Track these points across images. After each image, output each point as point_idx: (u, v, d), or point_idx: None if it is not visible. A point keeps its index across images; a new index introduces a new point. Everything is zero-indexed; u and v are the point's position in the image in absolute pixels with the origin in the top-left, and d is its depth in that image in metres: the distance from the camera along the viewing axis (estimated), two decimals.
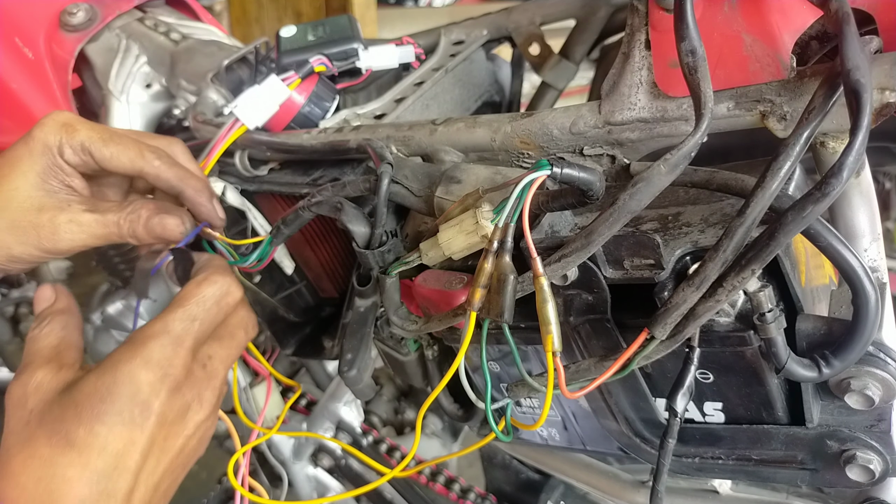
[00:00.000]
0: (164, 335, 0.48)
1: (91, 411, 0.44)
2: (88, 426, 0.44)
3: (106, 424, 0.44)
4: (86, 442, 0.43)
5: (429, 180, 0.52)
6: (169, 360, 0.47)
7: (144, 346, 0.47)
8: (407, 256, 0.51)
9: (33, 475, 0.43)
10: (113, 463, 0.44)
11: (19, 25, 0.79)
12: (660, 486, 0.47)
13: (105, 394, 0.45)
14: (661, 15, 0.43)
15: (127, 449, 0.45)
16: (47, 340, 0.51)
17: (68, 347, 0.51)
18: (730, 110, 0.43)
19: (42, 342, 0.51)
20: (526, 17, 0.75)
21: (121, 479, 0.44)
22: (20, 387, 0.47)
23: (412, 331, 0.53)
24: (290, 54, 0.70)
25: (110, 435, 0.44)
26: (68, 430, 0.44)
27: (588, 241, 0.39)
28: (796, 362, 0.40)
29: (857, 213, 0.44)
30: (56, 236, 0.54)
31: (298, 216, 0.56)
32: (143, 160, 0.56)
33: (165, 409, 0.47)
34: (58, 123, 0.54)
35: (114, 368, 0.46)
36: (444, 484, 0.92)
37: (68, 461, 0.43)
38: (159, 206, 0.57)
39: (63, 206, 0.54)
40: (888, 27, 0.41)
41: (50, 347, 0.50)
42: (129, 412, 0.45)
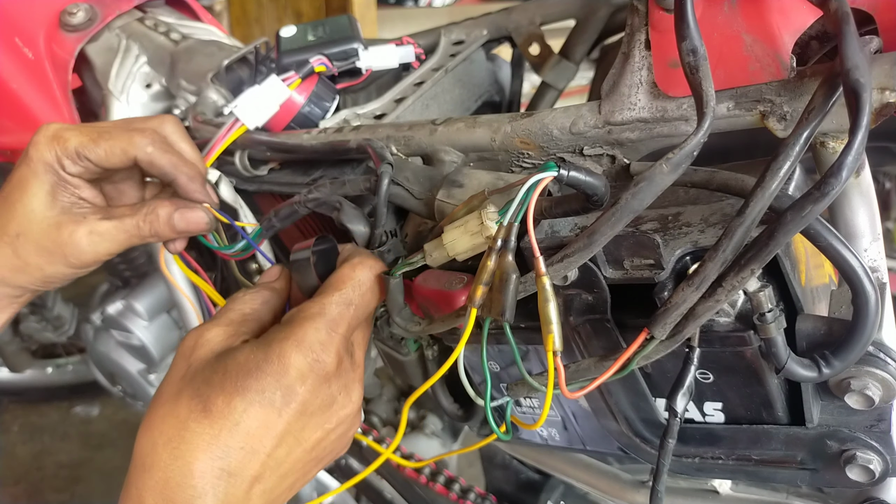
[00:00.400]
0: (321, 318, 0.46)
1: (234, 383, 0.43)
2: (228, 398, 0.42)
3: (245, 400, 0.42)
4: (221, 413, 0.42)
5: (430, 183, 0.52)
6: (323, 346, 0.45)
7: (301, 326, 0.45)
8: (411, 258, 0.50)
9: (166, 433, 0.42)
10: (242, 442, 0.42)
11: (19, 25, 0.79)
12: (660, 486, 0.47)
13: (253, 368, 0.43)
14: (661, 15, 0.43)
15: (260, 431, 0.43)
16: (242, 305, 0.50)
17: (255, 320, 0.49)
18: (730, 110, 0.43)
19: (237, 305, 0.50)
20: (526, 17, 0.75)
21: (247, 461, 0.42)
22: (193, 337, 0.47)
23: (415, 332, 0.53)
24: (290, 54, 0.70)
25: (246, 413, 0.42)
26: (208, 396, 0.43)
27: (590, 241, 0.39)
28: (796, 362, 0.40)
29: (857, 213, 0.44)
30: (79, 250, 0.54)
31: (293, 211, 0.56)
32: (135, 148, 0.55)
33: (310, 397, 0.44)
34: (48, 138, 0.54)
35: (267, 345, 0.44)
36: (444, 484, 0.92)
37: (201, 429, 0.42)
38: (175, 202, 0.57)
39: (79, 220, 0.54)
40: (888, 27, 0.41)
41: (240, 313, 0.49)
42: (272, 394, 0.43)
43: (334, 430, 0.47)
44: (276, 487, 0.45)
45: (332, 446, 0.49)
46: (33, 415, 1.70)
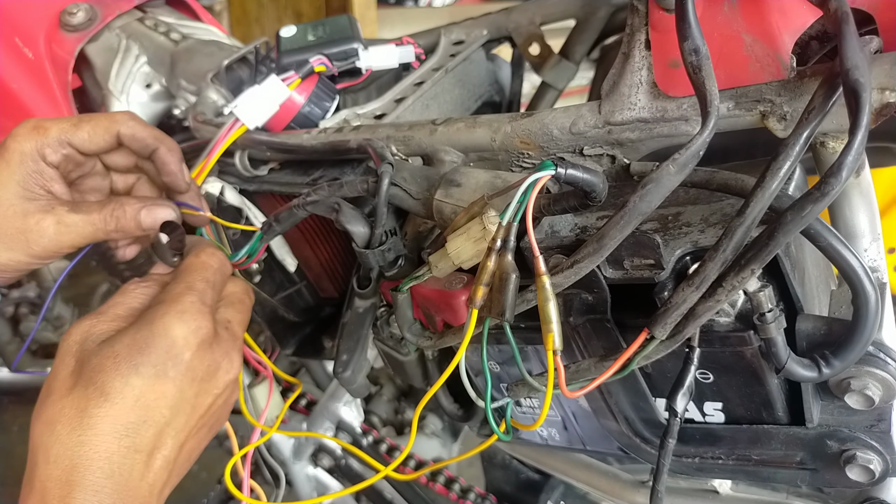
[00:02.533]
0: (191, 292, 0.49)
1: (129, 362, 0.45)
2: (125, 378, 0.44)
3: (141, 376, 0.44)
4: (121, 393, 0.44)
5: (427, 183, 0.52)
6: (200, 313, 0.48)
7: (177, 301, 0.48)
8: (417, 271, 0.51)
9: (67, 424, 0.43)
10: (143, 416, 0.44)
11: (19, 25, 0.79)
12: (660, 486, 0.47)
13: (143, 345, 0.45)
14: (661, 15, 0.43)
15: (157, 402, 0.45)
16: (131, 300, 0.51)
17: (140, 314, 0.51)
18: (730, 110, 0.43)
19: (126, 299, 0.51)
20: (526, 17, 0.75)
21: (148, 432, 0.44)
22: (79, 333, 0.48)
23: (427, 346, 0.54)
24: (290, 54, 0.70)
25: (144, 387, 0.44)
26: (104, 381, 0.44)
27: (600, 245, 0.39)
28: (796, 362, 0.40)
29: (857, 213, 0.44)
30: (44, 239, 0.54)
31: (292, 214, 0.56)
32: (117, 123, 0.56)
33: (196, 363, 0.47)
34: (28, 129, 0.55)
35: (150, 322, 0.46)
36: (444, 484, 0.92)
37: (103, 412, 0.43)
38: (142, 199, 0.57)
39: (47, 209, 0.54)
40: (888, 27, 0.41)
41: (128, 308, 0.50)
42: (163, 364, 0.45)
43: (221, 394, 0.50)
44: (176, 456, 0.47)
45: (220, 412, 0.52)
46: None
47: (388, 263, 0.54)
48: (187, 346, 0.47)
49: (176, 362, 0.46)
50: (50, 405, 0.45)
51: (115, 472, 0.43)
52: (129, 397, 0.44)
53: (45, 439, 0.44)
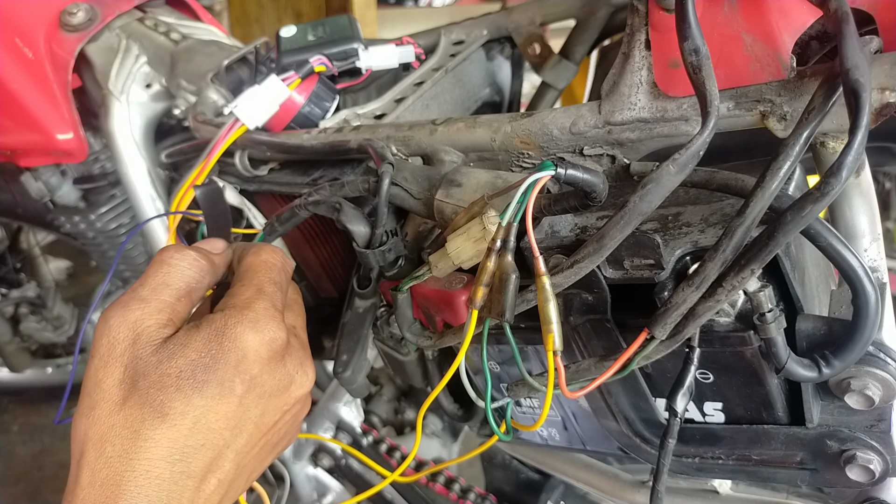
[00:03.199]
0: (263, 297, 0.43)
1: (194, 381, 0.40)
2: (187, 398, 0.39)
3: (205, 397, 0.40)
4: (182, 414, 0.39)
5: (428, 183, 0.52)
6: (275, 321, 0.42)
7: (249, 308, 0.42)
8: (417, 271, 0.51)
9: (119, 445, 0.39)
10: (201, 440, 0.40)
11: (19, 25, 0.79)
12: (660, 486, 0.47)
13: (210, 362, 0.40)
14: (661, 15, 0.43)
15: (218, 424, 0.40)
16: (177, 280, 0.44)
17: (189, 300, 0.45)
18: (730, 110, 0.43)
19: (171, 279, 0.44)
20: (526, 17, 0.75)
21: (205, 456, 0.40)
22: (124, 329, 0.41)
23: (427, 346, 0.53)
24: (290, 54, 0.70)
25: (206, 408, 0.40)
26: (163, 401, 0.39)
27: (600, 245, 0.39)
28: (796, 362, 0.40)
29: (857, 213, 0.44)
30: None
31: (294, 214, 0.56)
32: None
33: (267, 378, 0.42)
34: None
35: (220, 333, 0.41)
36: (444, 484, 0.92)
37: (158, 435, 0.39)
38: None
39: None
40: (888, 27, 0.41)
41: (175, 291, 0.43)
42: (231, 382, 0.40)
43: (290, 410, 0.45)
44: (233, 479, 0.43)
45: (288, 429, 0.47)
46: (33, 415, 1.70)
47: (388, 263, 0.54)
48: (258, 360, 0.41)
49: (244, 378, 0.41)
50: (97, 420, 0.40)
51: (164, 499, 0.38)
52: (188, 419, 0.39)
53: (91, 459, 0.39)
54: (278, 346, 0.43)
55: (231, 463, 0.42)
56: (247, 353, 0.41)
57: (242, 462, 0.43)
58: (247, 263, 0.47)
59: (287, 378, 0.44)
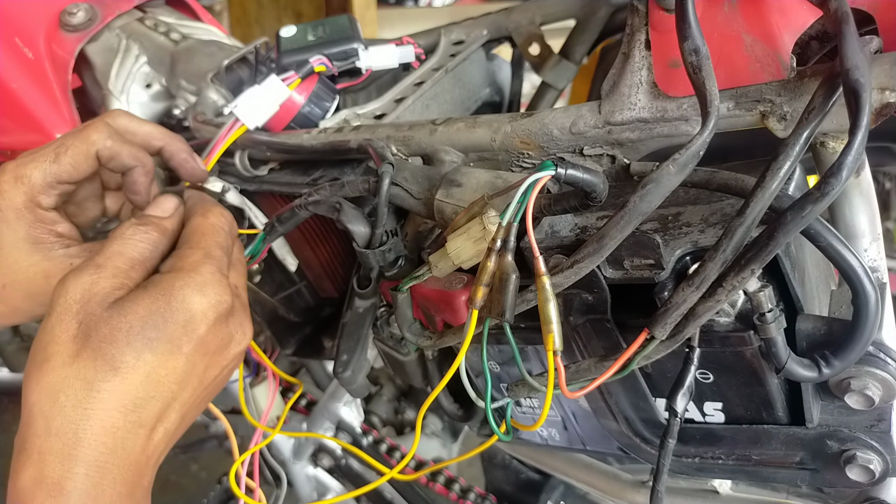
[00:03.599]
0: (210, 261, 0.47)
1: (143, 337, 0.43)
2: (137, 353, 0.42)
3: (154, 352, 0.43)
4: (132, 368, 0.42)
5: (428, 183, 0.52)
6: (221, 286, 0.46)
7: (196, 271, 0.46)
8: (417, 271, 0.51)
9: (73, 396, 0.41)
10: (152, 391, 0.43)
11: (19, 25, 0.79)
12: (660, 486, 0.47)
13: (159, 320, 0.43)
14: (661, 15, 0.43)
15: (167, 377, 0.44)
16: (130, 250, 0.47)
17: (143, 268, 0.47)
18: (730, 110, 0.43)
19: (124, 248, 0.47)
20: (526, 17, 0.75)
21: (154, 407, 0.43)
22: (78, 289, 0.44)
23: (426, 346, 0.53)
24: (290, 54, 0.70)
25: (156, 362, 0.43)
26: (115, 354, 0.42)
27: (600, 245, 0.39)
28: (796, 362, 0.40)
29: (857, 213, 0.44)
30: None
31: (295, 214, 0.56)
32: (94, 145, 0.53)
33: (211, 337, 0.46)
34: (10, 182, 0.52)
35: (167, 293, 0.44)
36: (444, 484, 0.92)
37: (111, 387, 0.42)
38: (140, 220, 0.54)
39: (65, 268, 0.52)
40: (888, 27, 0.41)
41: (128, 259, 0.47)
42: (178, 340, 0.44)
43: (228, 366, 0.49)
44: (176, 428, 0.46)
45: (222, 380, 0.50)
46: None
47: (388, 263, 0.54)
48: (204, 321, 0.45)
49: (191, 337, 0.44)
50: (50, 371, 0.42)
51: (119, 447, 0.42)
52: (140, 372, 0.42)
53: (45, 408, 0.41)
54: (223, 309, 0.46)
55: (177, 413, 0.45)
56: (194, 315, 0.45)
57: (185, 412, 0.47)
58: (194, 225, 0.50)
59: (228, 336, 0.47)
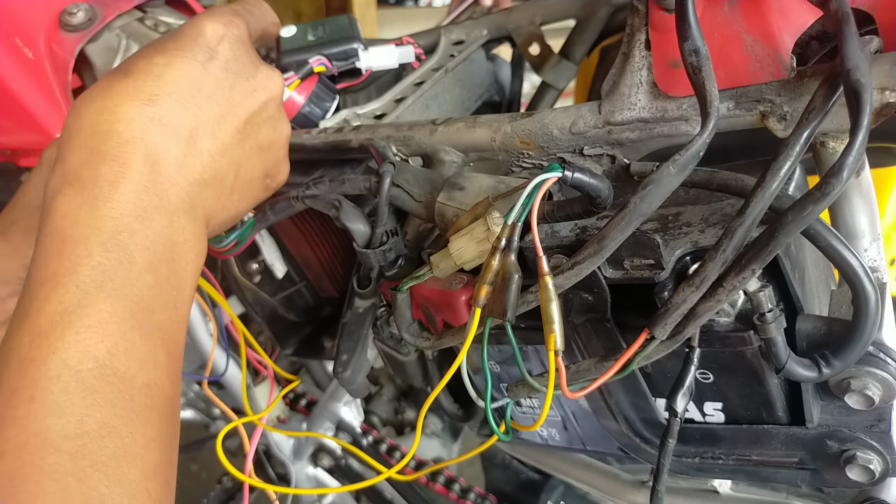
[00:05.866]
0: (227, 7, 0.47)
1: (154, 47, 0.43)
2: (148, 57, 0.42)
3: (166, 55, 0.42)
4: (143, 69, 0.42)
5: (430, 186, 0.51)
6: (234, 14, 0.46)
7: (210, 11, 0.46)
8: (418, 271, 0.50)
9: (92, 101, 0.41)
10: (169, 89, 0.42)
11: (19, 25, 0.78)
12: (660, 486, 0.47)
13: (168, 36, 0.44)
14: (661, 15, 0.43)
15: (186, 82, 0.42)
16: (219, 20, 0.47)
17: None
18: (730, 110, 0.43)
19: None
20: (526, 17, 0.75)
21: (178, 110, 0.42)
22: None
23: (426, 347, 0.53)
24: (290, 54, 0.70)
25: (169, 65, 0.42)
26: (129, 64, 0.42)
27: (601, 246, 0.39)
28: (796, 362, 0.40)
29: (857, 213, 0.44)
30: None
31: (289, 205, 0.55)
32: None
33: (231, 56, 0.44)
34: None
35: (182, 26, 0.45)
36: (444, 484, 0.92)
37: (124, 85, 0.41)
38: None
39: None
40: (888, 27, 0.41)
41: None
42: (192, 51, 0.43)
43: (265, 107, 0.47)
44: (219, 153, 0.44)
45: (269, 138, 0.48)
46: None
47: (388, 263, 0.54)
48: (218, 38, 0.44)
49: (203, 48, 0.43)
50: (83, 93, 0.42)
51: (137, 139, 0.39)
52: (152, 72, 0.42)
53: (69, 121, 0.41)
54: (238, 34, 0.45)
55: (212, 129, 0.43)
56: (203, 30, 0.44)
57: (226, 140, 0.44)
58: None
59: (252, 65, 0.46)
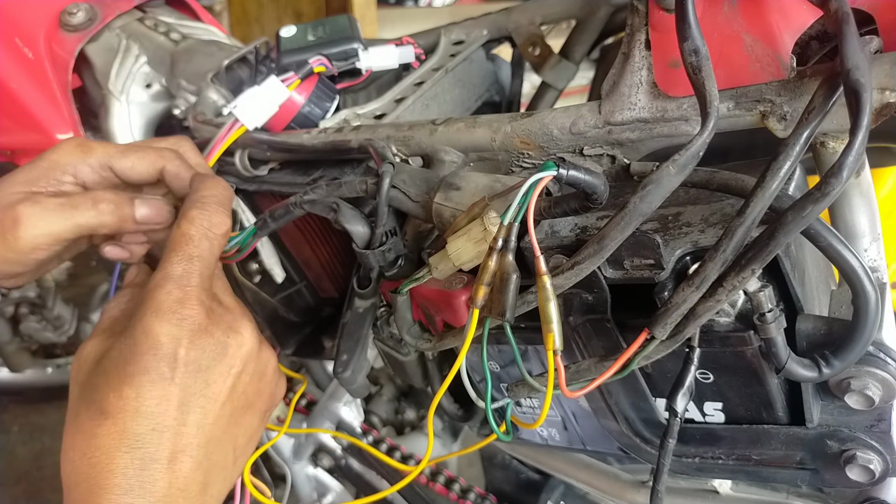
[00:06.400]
0: (167, 280, 0.45)
1: (118, 375, 0.43)
2: (118, 391, 0.42)
3: (133, 386, 0.42)
4: (118, 407, 0.42)
5: (427, 186, 0.51)
6: (181, 303, 0.44)
7: (152, 297, 0.45)
8: (417, 273, 0.50)
9: (79, 450, 0.42)
10: (149, 424, 0.42)
11: (19, 25, 0.79)
12: (660, 486, 0.47)
13: (128, 355, 0.43)
14: (661, 15, 0.43)
15: (160, 406, 0.43)
16: (110, 311, 0.50)
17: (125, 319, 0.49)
18: (730, 110, 0.43)
19: (105, 314, 0.50)
20: (526, 17, 0.75)
21: (160, 438, 0.42)
22: (75, 359, 0.47)
23: (427, 348, 0.53)
24: (290, 54, 0.70)
25: (140, 397, 0.42)
26: (101, 399, 0.43)
27: (601, 246, 0.39)
28: (796, 362, 0.40)
29: (857, 213, 0.44)
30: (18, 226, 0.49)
31: (289, 211, 0.56)
32: (164, 160, 0.55)
33: (196, 355, 0.44)
34: (73, 145, 0.54)
35: (132, 328, 0.44)
36: (444, 484, 0.92)
37: (105, 431, 0.42)
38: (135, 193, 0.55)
39: (29, 199, 0.51)
40: (888, 27, 0.41)
41: (109, 318, 0.49)
42: (156, 369, 0.43)
43: (244, 371, 0.47)
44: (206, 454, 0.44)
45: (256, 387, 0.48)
46: (33, 415, 1.69)
47: (388, 263, 0.54)
48: (177, 343, 0.44)
49: (168, 361, 0.43)
50: (65, 437, 0.44)
51: (135, 487, 0.41)
52: (128, 410, 0.42)
53: (64, 469, 0.43)
54: (192, 324, 0.44)
55: (196, 438, 0.44)
56: (160, 341, 0.43)
57: (213, 434, 0.45)
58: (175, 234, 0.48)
59: (219, 346, 0.45)
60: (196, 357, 0.44)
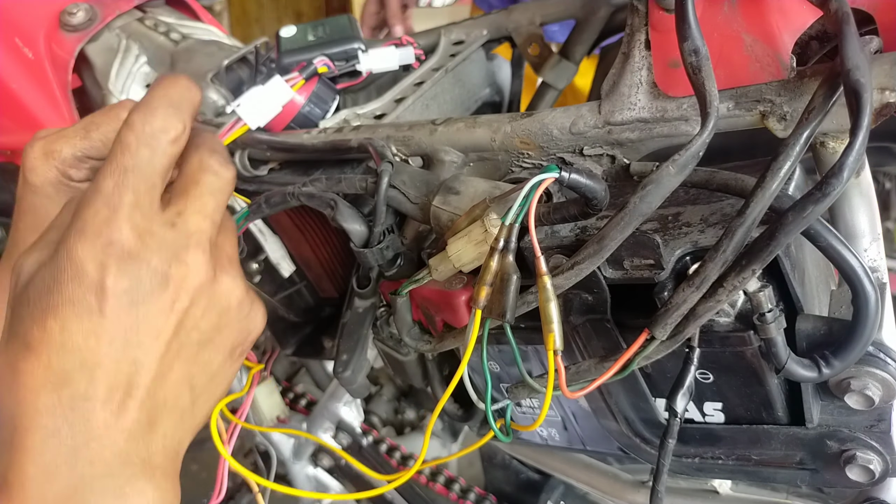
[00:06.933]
0: (96, 197, 0.38)
1: (40, 306, 0.37)
2: (41, 323, 0.37)
3: (57, 318, 0.37)
4: (41, 341, 0.37)
5: (426, 188, 0.51)
6: (107, 224, 0.37)
7: (78, 217, 0.38)
8: (417, 274, 0.50)
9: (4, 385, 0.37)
10: (76, 360, 0.37)
11: (19, 25, 0.79)
12: (660, 486, 0.47)
13: (51, 283, 0.37)
14: (661, 15, 0.43)
15: (89, 341, 0.37)
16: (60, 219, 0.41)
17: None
18: (730, 110, 0.43)
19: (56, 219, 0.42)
20: (526, 17, 0.75)
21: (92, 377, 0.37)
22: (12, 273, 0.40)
23: (427, 350, 0.53)
24: (291, 54, 0.70)
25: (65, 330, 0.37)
26: (25, 331, 0.37)
27: (600, 246, 0.38)
28: (796, 362, 0.40)
29: (857, 213, 0.44)
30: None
31: (285, 200, 0.55)
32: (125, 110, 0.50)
33: (126, 285, 0.37)
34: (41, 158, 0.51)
35: (54, 252, 0.38)
36: (444, 484, 0.92)
37: (29, 367, 0.37)
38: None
39: None
40: (888, 27, 0.41)
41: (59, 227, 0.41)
42: (81, 300, 0.37)
43: (193, 305, 0.40)
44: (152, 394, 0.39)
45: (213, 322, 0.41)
46: None
47: (386, 262, 0.54)
48: (104, 269, 0.37)
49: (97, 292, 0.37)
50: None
51: (62, 427, 0.36)
52: (53, 344, 0.36)
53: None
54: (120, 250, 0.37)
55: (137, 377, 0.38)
56: (84, 268, 0.37)
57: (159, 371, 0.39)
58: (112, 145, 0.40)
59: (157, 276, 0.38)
60: (128, 287, 0.38)
